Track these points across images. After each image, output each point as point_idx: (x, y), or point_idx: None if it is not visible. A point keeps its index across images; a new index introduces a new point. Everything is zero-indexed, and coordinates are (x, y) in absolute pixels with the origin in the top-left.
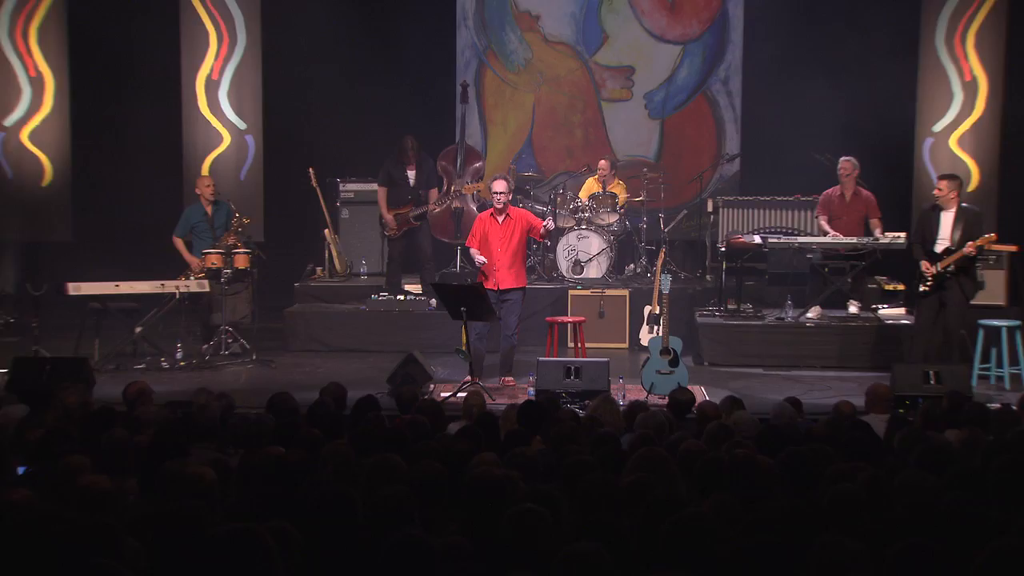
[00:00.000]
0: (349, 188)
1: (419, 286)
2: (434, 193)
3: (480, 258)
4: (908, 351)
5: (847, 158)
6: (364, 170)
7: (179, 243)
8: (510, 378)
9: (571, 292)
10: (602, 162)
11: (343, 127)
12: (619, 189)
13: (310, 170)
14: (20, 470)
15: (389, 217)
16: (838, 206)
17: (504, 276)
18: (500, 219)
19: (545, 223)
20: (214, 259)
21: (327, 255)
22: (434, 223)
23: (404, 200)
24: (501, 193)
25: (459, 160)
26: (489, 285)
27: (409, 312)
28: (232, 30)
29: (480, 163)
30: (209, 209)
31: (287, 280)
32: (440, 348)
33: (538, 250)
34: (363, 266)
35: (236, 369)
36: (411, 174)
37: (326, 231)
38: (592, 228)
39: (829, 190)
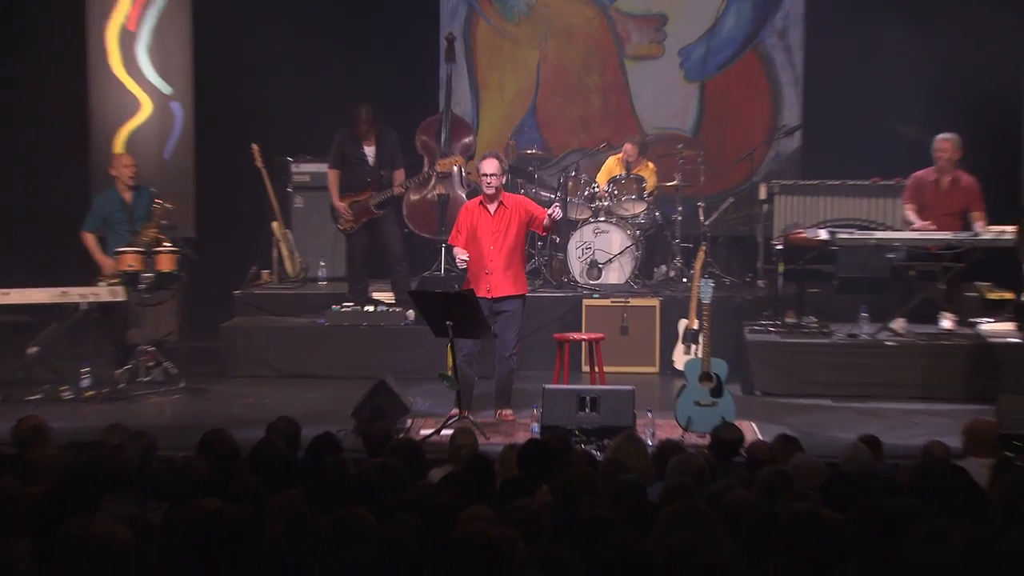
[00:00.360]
0: (303, 170)
1: (391, 294)
2: (400, 175)
3: (463, 256)
4: (1018, 378)
5: (947, 136)
6: (322, 147)
7: (89, 240)
8: (508, 411)
9: (586, 302)
10: (627, 146)
11: (296, 93)
12: (647, 171)
13: (254, 147)
14: None
15: (342, 205)
16: (931, 194)
17: (499, 281)
18: (492, 208)
19: (550, 212)
20: (131, 260)
21: (275, 255)
22: (412, 214)
23: (361, 184)
24: (492, 175)
25: (443, 135)
26: (480, 293)
27: (380, 327)
28: None
29: (470, 138)
30: (128, 196)
31: (224, 287)
32: (419, 373)
33: (543, 248)
34: (322, 269)
35: (159, 400)
36: (369, 151)
37: (274, 224)
38: (613, 221)
39: (919, 173)
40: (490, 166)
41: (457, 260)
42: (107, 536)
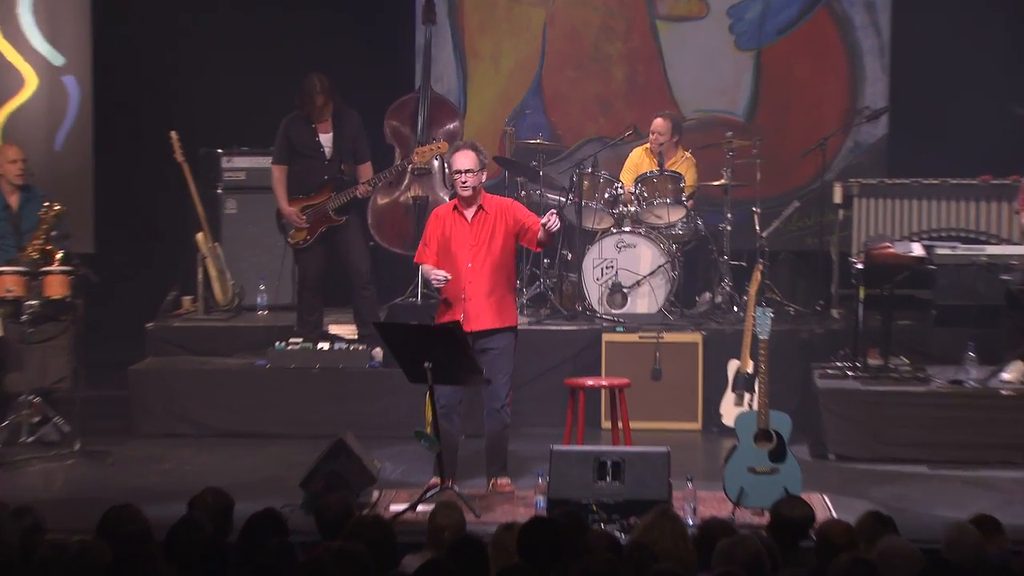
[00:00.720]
0: (237, 165)
1: (353, 327)
2: (366, 169)
3: (438, 275)
4: None
5: None
6: (262, 137)
7: None
8: (504, 479)
9: (607, 337)
10: (658, 121)
11: (227, 66)
12: (686, 166)
13: (172, 135)
14: None
15: (292, 211)
16: None
17: (480, 310)
18: (469, 215)
19: (544, 221)
20: (10, 283)
21: (200, 276)
22: (380, 223)
23: (317, 183)
24: (467, 172)
25: (420, 119)
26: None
27: (338, 371)
28: None
29: (455, 123)
30: (13, 200)
31: (134, 318)
32: (389, 430)
33: (552, 267)
34: (261, 294)
35: (47, 467)
36: (325, 139)
37: (199, 236)
38: (642, 231)
39: None
40: (464, 160)
41: (431, 280)
42: None
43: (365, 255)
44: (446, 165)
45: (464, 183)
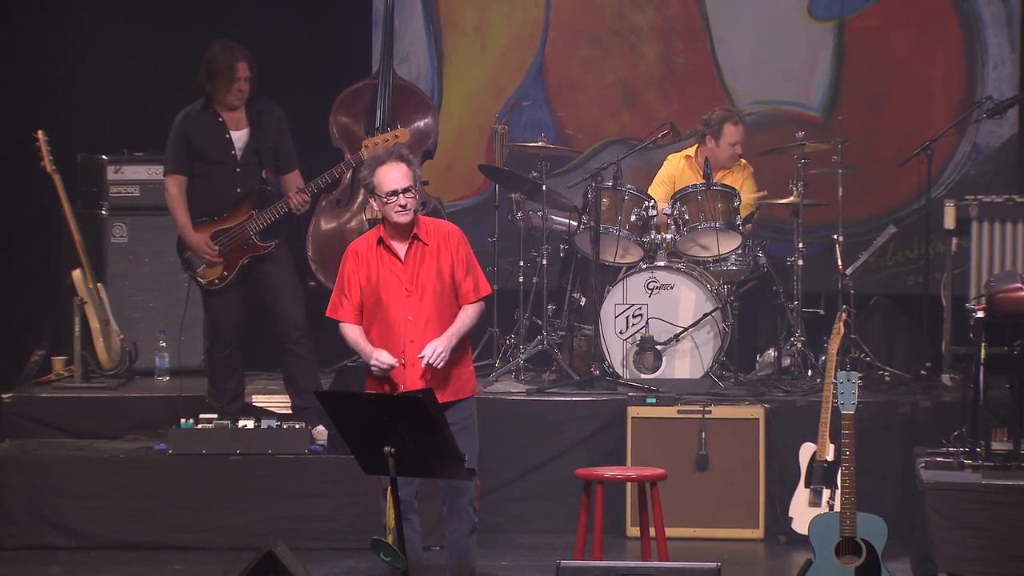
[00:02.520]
0: (129, 177)
1: (284, 396)
2: (294, 179)
3: (381, 359)
4: None
5: None
6: (162, 139)
7: None
8: None
9: (633, 412)
10: (735, 129)
11: (117, 43)
12: (741, 177)
13: (38, 136)
14: None
15: (198, 239)
16: None
17: (429, 376)
18: (401, 250)
19: (424, 354)
20: None
21: (78, 329)
22: (323, 254)
23: (228, 198)
24: (406, 192)
25: (379, 113)
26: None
27: (266, 458)
28: None
29: (426, 119)
30: None
31: None
32: (337, 538)
33: (556, 316)
34: (161, 354)
35: None
36: (237, 138)
37: (75, 274)
38: (682, 267)
39: None
40: (395, 175)
41: (367, 359)
42: None
43: (298, 297)
44: (365, 188)
45: (403, 207)
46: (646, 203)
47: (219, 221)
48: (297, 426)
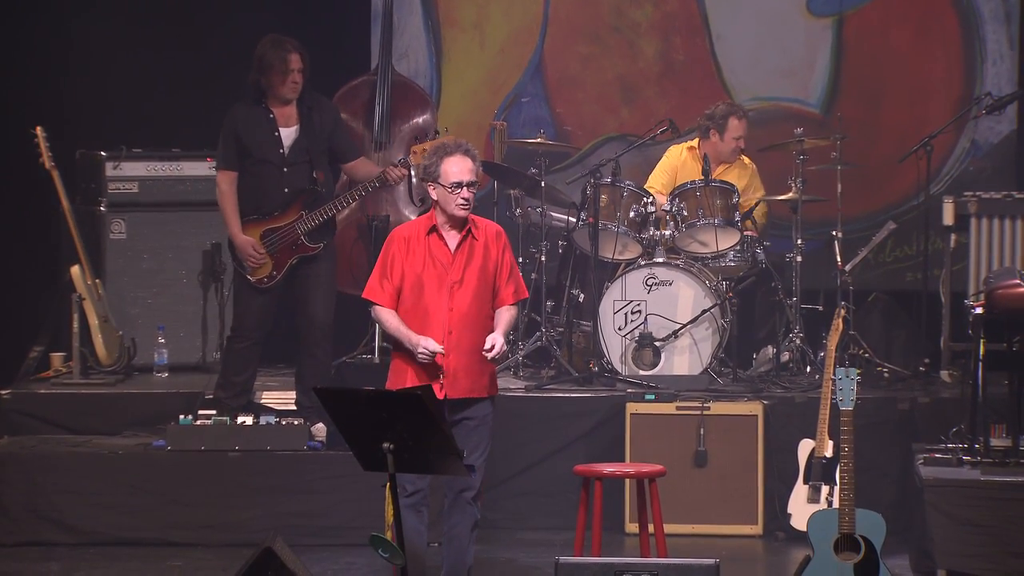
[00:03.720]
0: (128, 173)
1: (285, 393)
2: (363, 164)
3: (426, 346)
4: None
5: None
6: (162, 134)
7: None
8: None
9: (632, 408)
10: (739, 123)
11: (117, 41)
12: (743, 174)
13: (37, 132)
14: None
15: (246, 241)
16: None
17: (461, 370)
18: (452, 241)
19: (489, 347)
20: None
21: (76, 325)
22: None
23: (276, 198)
24: (469, 186)
25: (378, 110)
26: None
27: (265, 455)
28: None
29: (424, 115)
30: None
31: None
32: (336, 535)
33: (555, 313)
34: (160, 349)
35: None
36: (286, 135)
37: (74, 270)
38: (680, 264)
39: None
40: (462, 168)
41: (411, 346)
42: None
43: (331, 301)
44: (425, 174)
45: (465, 200)
46: (645, 199)
47: (269, 220)
48: (296, 423)
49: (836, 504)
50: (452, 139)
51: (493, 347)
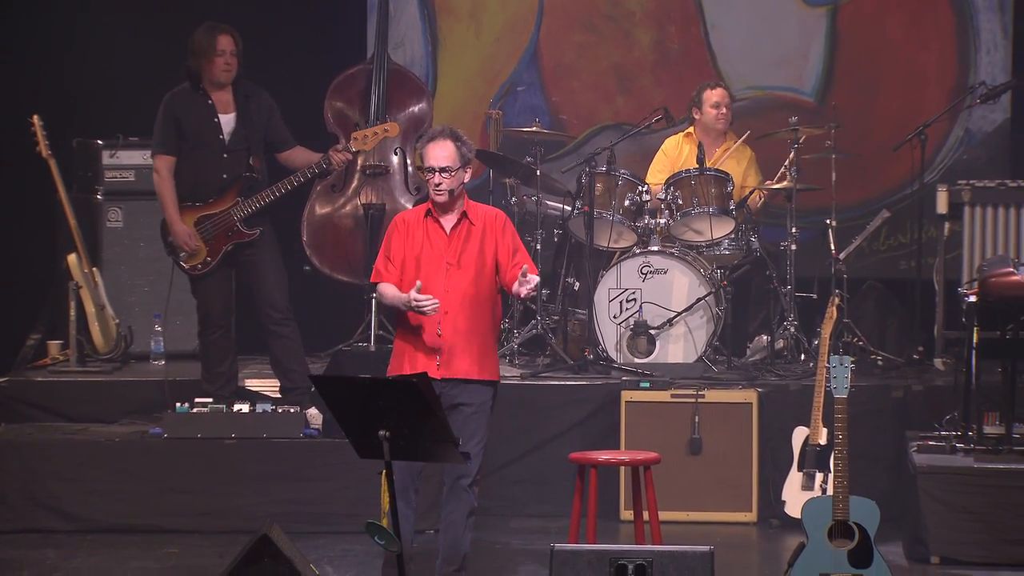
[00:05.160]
0: (124, 162)
1: (275, 380)
2: (297, 153)
3: (423, 302)
4: None
5: None
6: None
7: None
8: None
9: (627, 396)
10: (717, 91)
11: (113, 29)
12: (739, 162)
13: (34, 121)
14: None
15: (182, 229)
16: None
17: (457, 351)
18: (447, 223)
19: (519, 285)
20: None
21: (73, 313)
22: (319, 241)
23: (213, 184)
24: (443, 172)
25: (374, 98)
26: (420, 368)
27: (262, 442)
28: None
29: (420, 104)
30: None
31: None
32: (331, 522)
33: (551, 301)
34: (157, 337)
35: None
36: (225, 122)
37: (71, 258)
38: (675, 252)
39: None
40: (439, 153)
41: (414, 307)
42: None
43: (281, 281)
44: (408, 161)
45: (437, 186)
46: (640, 188)
47: (204, 206)
48: (292, 410)
49: (830, 491)
50: (444, 126)
51: (528, 280)
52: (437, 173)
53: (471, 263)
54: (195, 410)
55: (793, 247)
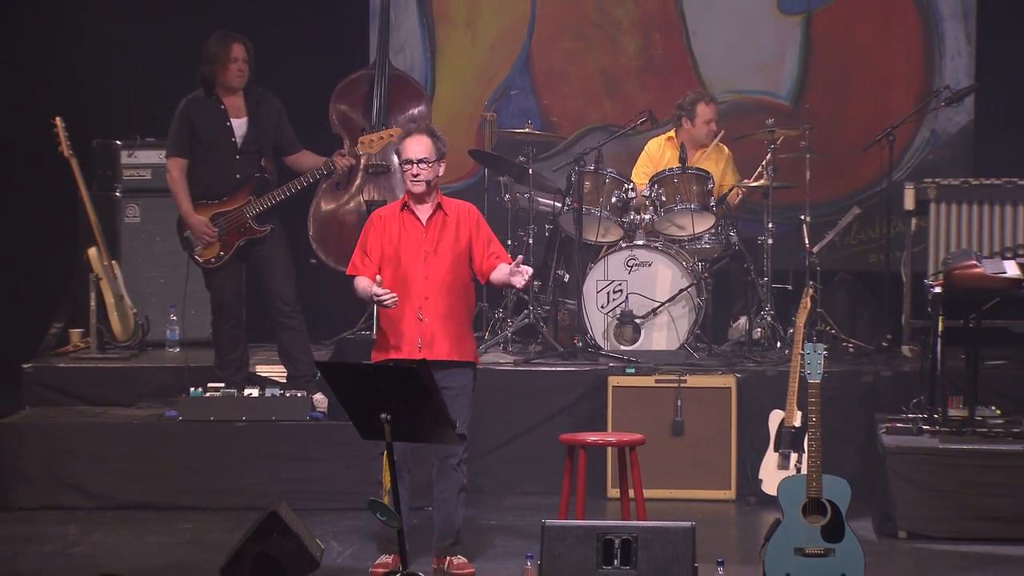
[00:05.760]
0: (141, 161)
1: (282, 367)
2: (306, 157)
3: (383, 296)
4: None
5: None
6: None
7: None
8: (461, 559)
9: (614, 381)
10: (708, 107)
11: (130, 35)
12: (717, 162)
13: (56, 123)
14: None
15: (199, 221)
16: None
17: (438, 336)
18: (423, 215)
19: (513, 273)
20: None
21: (93, 303)
22: (324, 235)
23: (227, 183)
24: (420, 163)
25: (376, 102)
26: (405, 353)
27: (270, 424)
28: None
29: (420, 107)
30: None
31: (6, 358)
32: (336, 499)
33: (542, 292)
34: (172, 326)
35: None
36: (237, 125)
37: (91, 252)
38: (659, 246)
39: None
40: (416, 147)
41: (377, 301)
42: None
43: (289, 276)
44: (398, 156)
45: (415, 176)
46: (626, 186)
47: (218, 204)
48: (299, 394)
49: (804, 470)
50: (421, 123)
51: (523, 269)
52: (415, 164)
53: (448, 251)
54: (208, 394)
55: (770, 241)
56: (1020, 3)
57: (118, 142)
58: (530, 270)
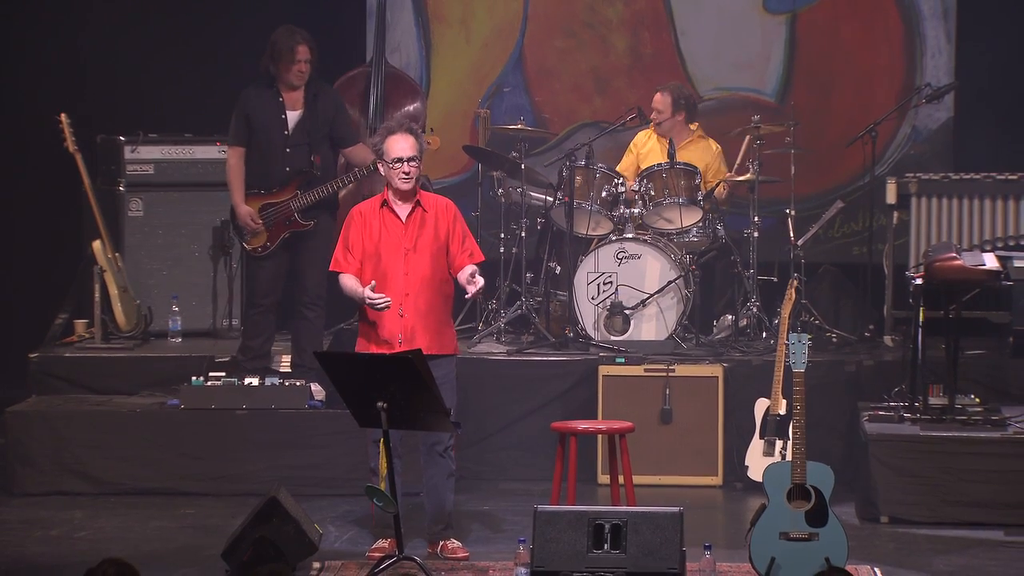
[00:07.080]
0: (144, 156)
1: (288, 356)
2: (358, 151)
3: (376, 299)
4: None
5: None
6: (175, 120)
7: None
8: (455, 542)
9: (604, 371)
10: (657, 97)
11: (132, 34)
12: (702, 155)
13: (61, 119)
14: None
15: (246, 211)
16: None
17: (418, 330)
18: (403, 212)
19: (471, 279)
20: None
21: (98, 295)
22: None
23: (277, 176)
24: (410, 161)
25: (372, 99)
26: (380, 350)
27: (270, 412)
28: None
29: (415, 104)
30: None
31: (13, 347)
32: (333, 485)
33: (534, 284)
34: (174, 317)
35: None
36: (291, 117)
37: (95, 244)
38: (647, 239)
39: None
40: (404, 145)
41: (366, 302)
42: None
43: (323, 270)
44: (374, 152)
45: (407, 174)
46: (616, 180)
47: (269, 195)
48: (298, 383)
49: (789, 457)
50: (399, 120)
51: (476, 281)
52: (406, 163)
53: (427, 247)
54: (209, 383)
55: (755, 234)
56: (998, 4)
57: (122, 138)
58: (481, 282)
